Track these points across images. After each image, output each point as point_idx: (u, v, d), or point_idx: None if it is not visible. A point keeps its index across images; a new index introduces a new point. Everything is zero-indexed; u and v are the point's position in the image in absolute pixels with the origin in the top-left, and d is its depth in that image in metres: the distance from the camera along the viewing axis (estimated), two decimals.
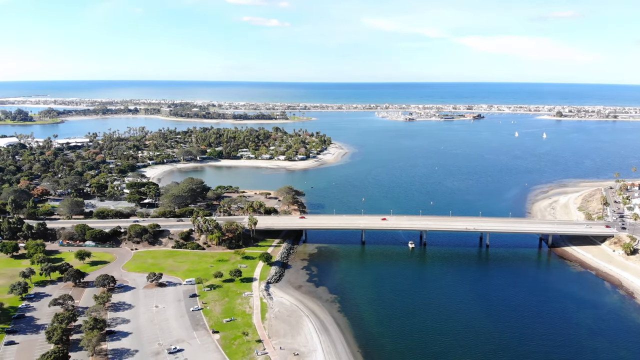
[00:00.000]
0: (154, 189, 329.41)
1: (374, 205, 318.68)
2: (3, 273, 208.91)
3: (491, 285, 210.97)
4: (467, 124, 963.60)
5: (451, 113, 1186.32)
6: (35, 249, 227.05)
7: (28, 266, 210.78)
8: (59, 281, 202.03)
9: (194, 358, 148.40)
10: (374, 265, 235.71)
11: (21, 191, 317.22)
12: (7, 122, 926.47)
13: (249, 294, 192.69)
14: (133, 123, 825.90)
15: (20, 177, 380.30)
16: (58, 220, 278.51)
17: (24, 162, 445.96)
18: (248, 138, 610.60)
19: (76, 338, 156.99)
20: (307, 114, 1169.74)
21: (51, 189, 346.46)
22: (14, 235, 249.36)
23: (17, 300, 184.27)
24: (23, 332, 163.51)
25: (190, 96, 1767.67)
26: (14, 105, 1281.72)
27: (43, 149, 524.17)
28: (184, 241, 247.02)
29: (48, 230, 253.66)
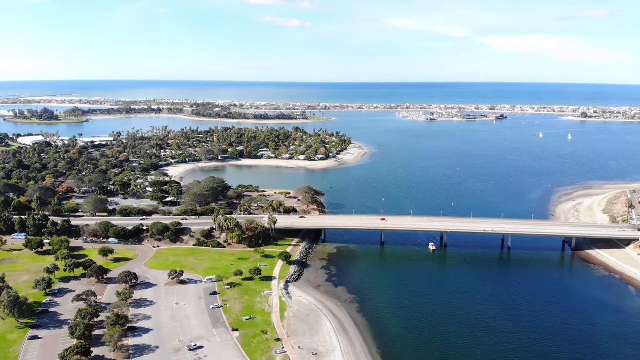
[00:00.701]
0: (176, 188, 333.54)
1: (393, 206, 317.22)
2: (28, 269, 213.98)
3: (513, 287, 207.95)
4: (490, 124, 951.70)
5: (473, 113, 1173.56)
6: (59, 245, 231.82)
7: (52, 262, 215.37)
8: (83, 277, 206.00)
9: (214, 355, 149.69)
10: (393, 266, 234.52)
11: (46, 188, 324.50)
12: (34, 121, 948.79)
13: (268, 293, 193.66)
14: (156, 122, 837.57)
15: (45, 174, 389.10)
16: (82, 217, 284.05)
17: (49, 160, 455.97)
18: (268, 138, 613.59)
19: (98, 334, 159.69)
20: (327, 114, 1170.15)
21: (76, 186, 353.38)
22: (39, 232, 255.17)
23: (41, 296, 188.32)
24: (47, 327, 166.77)
25: (212, 96, 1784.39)
26: (40, 105, 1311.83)
27: (68, 148, 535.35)
28: (205, 239, 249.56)
29: (72, 227, 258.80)
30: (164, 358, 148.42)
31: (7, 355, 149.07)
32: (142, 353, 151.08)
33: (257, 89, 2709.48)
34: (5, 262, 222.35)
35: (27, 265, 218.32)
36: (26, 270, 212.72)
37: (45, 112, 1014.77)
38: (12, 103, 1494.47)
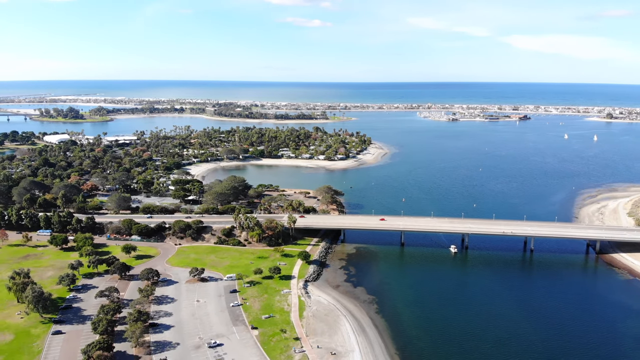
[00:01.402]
0: (198, 186, 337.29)
1: (414, 207, 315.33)
2: (53, 264, 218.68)
3: (535, 291, 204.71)
4: (513, 125, 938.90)
5: (496, 113, 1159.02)
6: (83, 242, 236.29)
7: (77, 258, 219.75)
8: (106, 274, 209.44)
9: (233, 353, 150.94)
10: (413, 267, 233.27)
11: (71, 186, 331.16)
12: (60, 120, 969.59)
13: (287, 292, 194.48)
14: (179, 122, 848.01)
15: (70, 172, 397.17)
16: (106, 214, 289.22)
17: (74, 158, 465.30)
18: (289, 137, 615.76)
19: (120, 329, 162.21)
20: (347, 113, 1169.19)
21: (100, 184, 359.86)
22: (64, 229, 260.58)
23: (65, 291, 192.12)
24: (70, 322, 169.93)
25: (234, 96, 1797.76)
26: (66, 104, 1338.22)
27: (93, 146, 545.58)
28: (225, 237, 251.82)
29: (96, 224, 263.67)
30: (185, 355, 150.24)
31: (30, 349, 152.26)
32: (163, 349, 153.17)
33: (277, 89, 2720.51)
34: (31, 258, 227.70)
35: (51, 261, 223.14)
36: (51, 266, 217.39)
37: (70, 111, 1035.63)
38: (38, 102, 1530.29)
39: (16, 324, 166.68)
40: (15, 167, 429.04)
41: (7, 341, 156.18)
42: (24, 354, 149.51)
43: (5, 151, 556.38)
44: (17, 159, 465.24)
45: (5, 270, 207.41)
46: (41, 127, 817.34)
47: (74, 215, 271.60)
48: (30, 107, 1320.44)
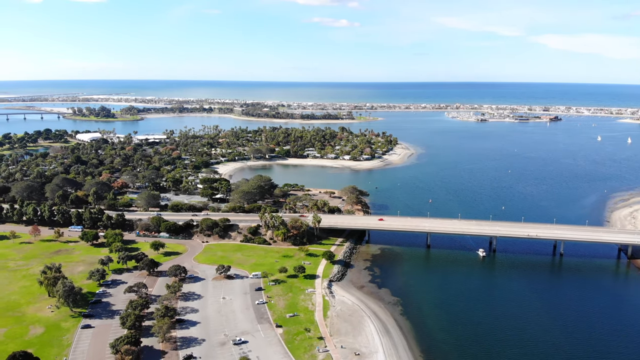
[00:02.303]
0: (225, 185, 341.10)
1: (440, 208, 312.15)
2: (83, 260, 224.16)
3: (564, 296, 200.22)
4: (543, 126, 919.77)
5: (526, 114, 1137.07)
6: (113, 238, 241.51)
7: (107, 254, 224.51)
8: (135, 269, 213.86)
9: (258, 350, 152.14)
10: (439, 269, 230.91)
11: (102, 183, 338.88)
12: (92, 119, 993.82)
13: (311, 291, 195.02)
14: (207, 122, 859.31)
15: (102, 170, 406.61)
16: (135, 211, 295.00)
17: (106, 156, 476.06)
18: (314, 137, 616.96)
19: (148, 324, 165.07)
20: (373, 114, 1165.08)
21: (130, 182, 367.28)
22: (95, 225, 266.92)
23: (95, 286, 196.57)
24: (99, 317, 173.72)
25: (261, 96, 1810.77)
26: (98, 103, 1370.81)
27: (124, 145, 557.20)
28: (251, 236, 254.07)
29: (126, 221, 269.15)
30: (210, 351, 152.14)
31: (60, 342, 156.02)
32: (189, 345, 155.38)
33: (304, 89, 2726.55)
34: (62, 253, 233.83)
35: (82, 257, 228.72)
36: (81, 261, 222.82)
37: (102, 110, 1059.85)
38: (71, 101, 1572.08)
39: (47, 318, 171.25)
40: (49, 164, 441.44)
41: (38, 334, 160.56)
42: (54, 347, 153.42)
43: (39, 149, 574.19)
44: (50, 157, 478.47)
45: (38, 264, 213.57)
46: (74, 125, 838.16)
47: (105, 212, 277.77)
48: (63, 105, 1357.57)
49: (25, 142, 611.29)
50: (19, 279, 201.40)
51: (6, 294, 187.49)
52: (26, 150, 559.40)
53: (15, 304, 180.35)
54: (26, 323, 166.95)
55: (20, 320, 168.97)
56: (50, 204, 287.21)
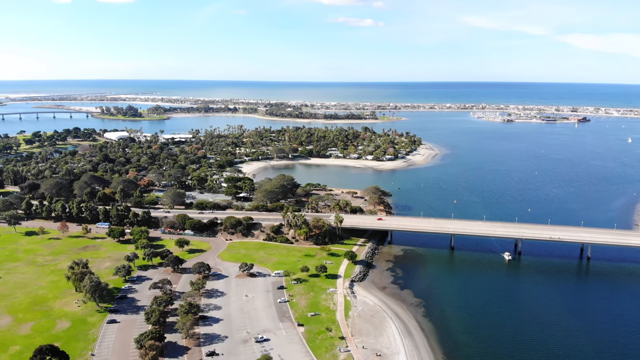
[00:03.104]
0: (249, 184, 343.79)
1: (465, 210, 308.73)
2: (110, 256, 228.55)
3: (591, 301, 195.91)
4: (571, 127, 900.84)
5: (553, 115, 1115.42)
6: (139, 235, 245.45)
7: (132, 251, 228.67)
8: (160, 266, 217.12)
9: (280, 349, 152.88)
10: (462, 272, 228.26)
11: (129, 181, 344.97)
12: (119, 117, 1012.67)
13: (333, 291, 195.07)
14: (232, 121, 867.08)
15: (129, 168, 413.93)
16: (161, 209, 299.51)
17: (132, 155, 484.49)
18: (337, 137, 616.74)
19: (172, 321, 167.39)
20: (397, 113, 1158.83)
21: (156, 180, 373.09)
22: (121, 222, 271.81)
23: (121, 282, 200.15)
24: (124, 312, 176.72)
25: (284, 96, 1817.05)
26: (125, 102, 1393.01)
27: (150, 143, 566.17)
28: (274, 234, 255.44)
29: (152, 219, 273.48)
30: (233, 348, 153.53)
31: (86, 337, 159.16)
32: (212, 341, 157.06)
33: (327, 89, 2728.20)
34: (89, 249, 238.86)
35: (109, 253, 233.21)
36: (108, 257, 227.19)
37: (129, 110, 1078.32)
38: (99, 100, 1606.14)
39: (73, 312, 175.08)
40: (77, 162, 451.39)
41: (65, 328, 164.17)
42: (80, 341, 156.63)
43: (68, 147, 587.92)
44: (79, 155, 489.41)
45: (65, 260, 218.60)
46: (102, 124, 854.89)
47: (131, 209, 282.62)
48: (91, 105, 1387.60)
49: (55, 141, 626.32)
50: (47, 274, 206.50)
51: (34, 289, 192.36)
52: (55, 148, 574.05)
53: (43, 298, 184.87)
54: (53, 317, 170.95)
55: (47, 314, 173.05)
56: (78, 201, 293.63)
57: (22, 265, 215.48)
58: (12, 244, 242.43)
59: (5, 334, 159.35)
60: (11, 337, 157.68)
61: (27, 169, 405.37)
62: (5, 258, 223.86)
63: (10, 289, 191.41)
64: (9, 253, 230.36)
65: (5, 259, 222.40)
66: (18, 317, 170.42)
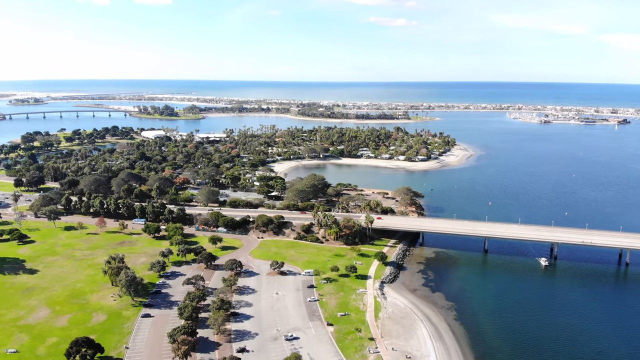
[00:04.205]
0: (281, 183, 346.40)
1: (499, 212, 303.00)
2: (145, 252, 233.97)
3: (629, 308, 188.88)
4: (611, 129, 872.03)
5: (592, 116, 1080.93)
6: (174, 231, 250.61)
7: (167, 247, 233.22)
8: (193, 262, 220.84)
9: (309, 347, 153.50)
10: (496, 275, 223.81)
11: (165, 179, 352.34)
12: (156, 117, 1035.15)
13: (363, 291, 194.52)
14: (265, 121, 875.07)
15: (165, 166, 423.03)
16: (195, 207, 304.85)
17: (168, 153, 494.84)
18: (369, 137, 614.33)
19: (204, 316, 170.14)
20: (430, 113, 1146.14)
21: (191, 178, 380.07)
22: (157, 218, 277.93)
23: (155, 277, 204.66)
24: (158, 307, 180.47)
25: (317, 96, 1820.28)
26: (162, 102, 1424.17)
27: (186, 142, 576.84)
28: (304, 233, 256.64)
29: (186, 216, 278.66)
30: (263, 345, 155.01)
31: (121, 330, 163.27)
32: (242, 338, 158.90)
33: (359, 89, 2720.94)
34: (126, 244, 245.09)
35: (144, 249, 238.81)
36: (143, 253, 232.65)
37: (166, 109, 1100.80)
38: (137, 100, 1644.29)
39: (109, 306, 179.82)
40: (115, 159, 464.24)
41: (100, 321, 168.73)
42: (115, 334, 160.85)
43: (107, 145, 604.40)
44: (117, 152, 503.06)
45: (102, 254, 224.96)
46: (139, 123, 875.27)
47: (167, 206, 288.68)
48: (129, 104, 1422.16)
49: (94, 138, 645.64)
50: (85, 268, 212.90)
51: (72, 282, 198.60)
52: (94, 146, 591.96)
53: (80, 291, 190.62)
54: (90, 310, 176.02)
55: (84, 307, 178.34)
56: (115, 197, 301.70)
57: (60, 259, 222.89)
58: (51, 239, 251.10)
59: (43, 325, 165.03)
60: (49, 328, 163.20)
61: (67, 166, 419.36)
62: (44, 252, 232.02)
63: (49, 282, 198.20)
64: (49, 247, 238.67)
65: (45, 253, 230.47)
66: (56, 309, 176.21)
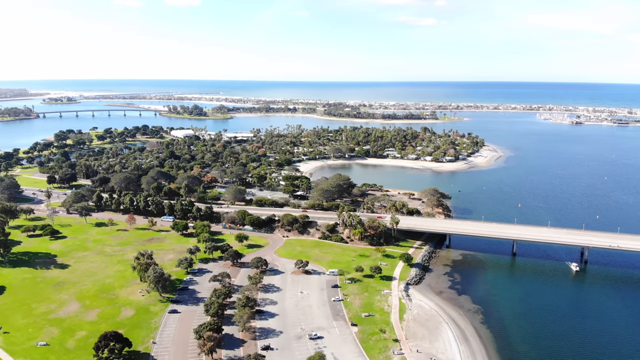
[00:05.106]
0: (306, 183, 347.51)
1: (528, 215, 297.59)
2: (173, 248, 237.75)
3: None
4: None
5: (626, 118, 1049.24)
6: (202, 229, 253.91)
7: (195, 244, 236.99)
8: (220, 259, 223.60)
9: (333, 347, 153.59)
10: (524, 279, 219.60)
11: (193, 177, 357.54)
12: (185, 116, 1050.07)
13: (387, 292, 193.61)
14: (291, 121, 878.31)
15: (193, 165, 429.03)
16: (222, 205, 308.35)
17: (197, 152, 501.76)
18: (395, 138, 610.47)
19: (229, 313, 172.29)
20: (459, 114, 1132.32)
21: (219, 177, 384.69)
22: (185, 216, 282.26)
23: (182, 274, 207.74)
24: (185, 303, 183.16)
25: (343, 96, 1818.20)
26: (191, 101, 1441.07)
27: (214, 141, 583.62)
28: (329, 233, 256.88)
29: (214, 214, 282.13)
30: (287, 343, 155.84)
31: (149, 325, 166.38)
32: (267, 336, 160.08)
33: (386, 89, 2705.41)
34: (154, 241, 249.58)
35: (172, 245, 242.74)
36: (171, 249, 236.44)
37: (195, 109, 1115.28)
38: (167, 99, 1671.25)
39: (138, 301, 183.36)
40: (145, 158, 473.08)
41: (129, 316, 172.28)
42: (142, 329, 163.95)
43: (137, 143, 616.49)
44: (147, 151, 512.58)
45: (132, 251, 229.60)
46: (168, 122, 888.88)
47: (195, 204, 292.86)
48: (159, 103, 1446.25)
49: (125, 137, 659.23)
50: (115, 264, 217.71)
51: (102, 277, 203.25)
52: (125, 144, 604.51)
53: (109, 286, 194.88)
54: (118, 305, 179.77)
55: (113, 302, 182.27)
56: (145, 194, 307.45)
57: (91, 255, 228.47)
58: (82, 234, 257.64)
59: (73, 319, 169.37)
60: (79, 322, 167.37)
61: (99, 164, 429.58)
62: (76, 247, 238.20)
63: (79, 277, 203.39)
64: (80, 243, 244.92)
65: (76, 248, 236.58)
66: (86, 303, 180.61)
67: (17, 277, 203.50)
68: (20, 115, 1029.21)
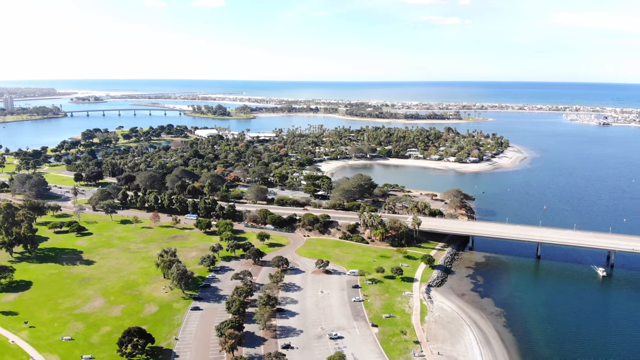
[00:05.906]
0: (327, 183, 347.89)
1: (553, 217, 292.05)
2: (196, 246, 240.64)
3: None
4: None
5: None
6: (224, 227, 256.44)
7: (217, 242, 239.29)
8: (242, 258, 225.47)
9: (353, 347, 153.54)
10: (549, 282, 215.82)
11: (217, 176, 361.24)
12: (209, 116, 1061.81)
13: (408, 294, 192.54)
14: (313, 121, 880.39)
15: (217, 164, 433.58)
16: (245, 204, 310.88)
17: (220, 151, 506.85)
18: (418, 138, 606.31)
19: (250, 311, 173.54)
20: (483, 114, 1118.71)
21: (241, 176, 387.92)
22: (208, 214, 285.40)
23: (205, 271, 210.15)
24: (207, 300, 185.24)
25: (365, 96, 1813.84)
26: (215, 101, 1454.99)
27: (237, 141, 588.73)
28: (350, 233, 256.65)
29: (236, 212, 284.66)
30: (307, 342, 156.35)
31: (171, 321, 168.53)
32: (287, 334, 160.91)
33: (409, 89, 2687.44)
34: (178, 238, 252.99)
35: (195, 243, 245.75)
36: (194, 247, 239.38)
37: (219, 109, 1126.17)
38: (191, 99, 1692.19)
39: (161, 298, 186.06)
40: (169, 156, 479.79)
41: (152, 312, 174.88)
42: (165, 325, 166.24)
43: (162, 142, 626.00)
44: (171, 150, 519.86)
45: (156, 248, 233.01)
46: (193, 121, 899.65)
47: (218, 202, 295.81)
48: (184, 103, 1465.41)
49: (150, 136, 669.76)
50: (139, 261, 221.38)
51: (126, 274, 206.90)
52: (150, 143, 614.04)
53: (134, 283, 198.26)
54: (142, 301, 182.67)
55: (137, 298, 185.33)
56: (169, 193, 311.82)
57: (116, 251, 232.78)
58: (108, 231, 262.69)
59: (98, 314, 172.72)
60: (103, 318, 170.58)
61: (124, 162, 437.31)
62: (102, 244, 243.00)
63: (104, 273, 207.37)
64: (105, 239, 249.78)
65: (102, 245, 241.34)
66: (110, 299, 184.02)
67: (43, 272, 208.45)
68: (48, 114, 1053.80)
